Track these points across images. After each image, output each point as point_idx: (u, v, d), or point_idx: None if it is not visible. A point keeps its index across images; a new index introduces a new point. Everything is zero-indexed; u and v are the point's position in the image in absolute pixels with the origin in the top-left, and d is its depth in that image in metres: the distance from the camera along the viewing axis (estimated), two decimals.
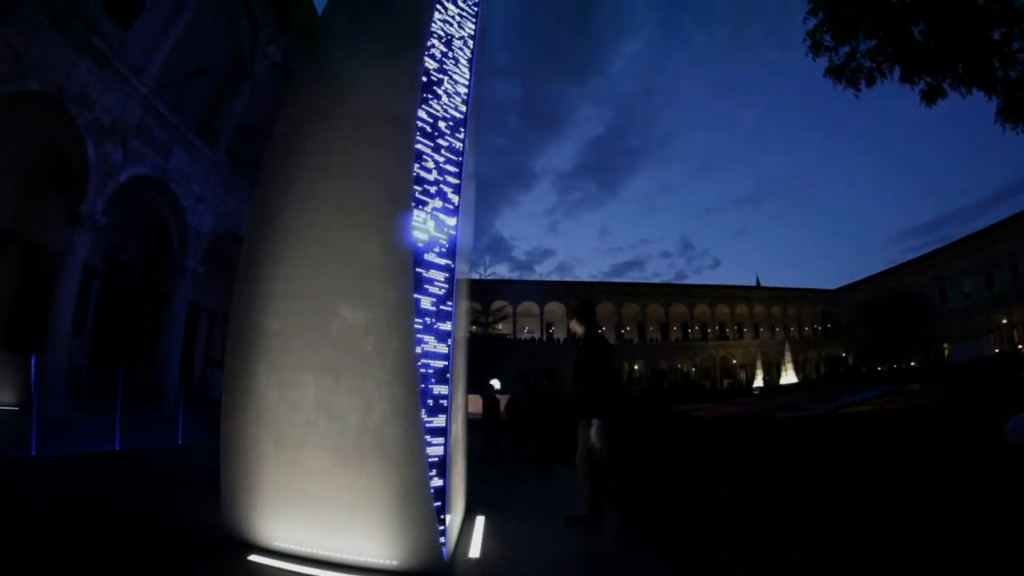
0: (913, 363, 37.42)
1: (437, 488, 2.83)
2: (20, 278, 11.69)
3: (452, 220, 3.31)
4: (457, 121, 3.59)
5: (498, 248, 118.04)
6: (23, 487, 4.37)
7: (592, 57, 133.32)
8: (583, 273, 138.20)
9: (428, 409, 2.88)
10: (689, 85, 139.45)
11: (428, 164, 3.22)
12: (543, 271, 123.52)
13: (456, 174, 3.44)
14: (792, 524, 3.09)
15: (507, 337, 37.28)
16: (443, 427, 3.00)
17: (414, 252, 2.92)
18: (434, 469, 2.82)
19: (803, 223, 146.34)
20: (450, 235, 3.28)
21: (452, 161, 3.43)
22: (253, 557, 2.68)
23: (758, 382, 40.81)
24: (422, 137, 3.21)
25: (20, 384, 9.15)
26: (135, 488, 4.70)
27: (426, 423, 2.79)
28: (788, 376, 40.27)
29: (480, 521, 3.82)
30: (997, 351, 32.42)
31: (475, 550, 3.22)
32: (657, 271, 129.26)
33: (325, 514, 2.70)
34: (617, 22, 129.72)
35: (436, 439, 2.91)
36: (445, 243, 3.23)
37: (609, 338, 46.02)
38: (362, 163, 3.05)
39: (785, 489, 3.75)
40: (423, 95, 3.29)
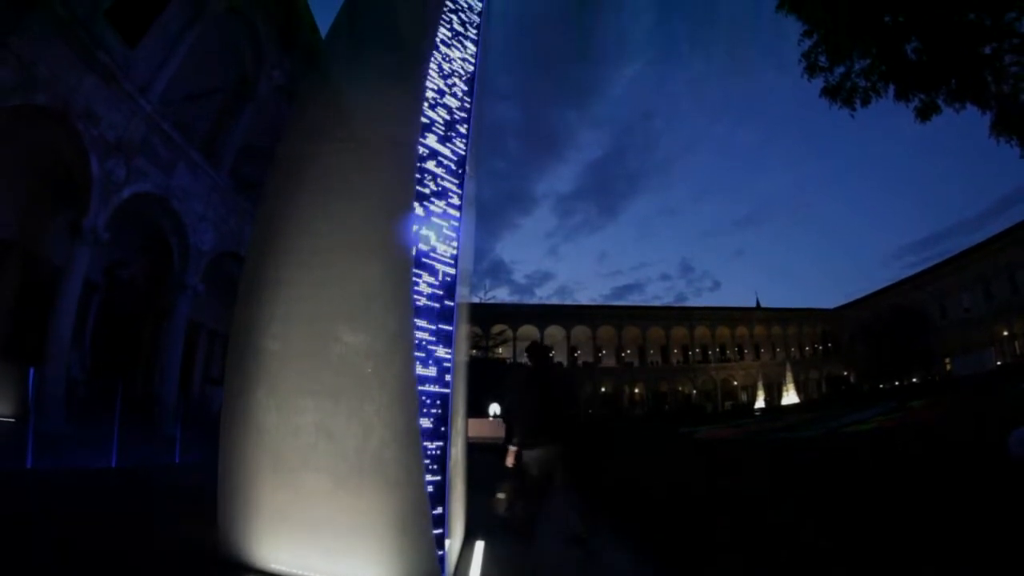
0: (915, 379, 37.22)
1: (437, 513, 2.80)
2: (19, 288, 11.68)
3: (453, 243, 3.33)
4: (458, 145, 3.63)
5: (498, 272, 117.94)
6: (18, 500, 4.32)
7: (592, 81, 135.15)
8: (583, 296, 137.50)
9: (428, 433, 2.86)
10: (688, 107, 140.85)
11: (429, 188, 3.25)
12: (543, 294, 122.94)
13: (458, 196, 3.47)
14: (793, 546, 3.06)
15: (507, 361, 37.20)
16: (443, 451, 2.98)
17: (415, 276, 2.93)
18: (433, 493, 2.80)
19: (802, 242, 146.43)
20: (451, 257, 3.29)
21: (453, 185, 3.46)
22: None
23: (760, 403, 40.53)
24: (423, 160, 3.25)
25: (17, 396, 9.10)
26: (131, 506, 4.65)
27: (425, 447, 2.78)
28: (790, 396, 40.08)
29: (480, 546, 3.77)
30: (999, 363, 32.31)
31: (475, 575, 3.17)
32: (657, 294, 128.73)
33: (323, 537, 2.68)
34: (617, 46, 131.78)
35: (435, 464, 2.89)
36: (446, 268, 3.24)
37: (610, 362, 46.19)
38: (364, 186, 3.07)
39: (785, 512, 3.71)
40: (425, 119, 3.34)
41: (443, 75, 3.71)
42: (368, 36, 3.65)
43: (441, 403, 3.06)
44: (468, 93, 3.94)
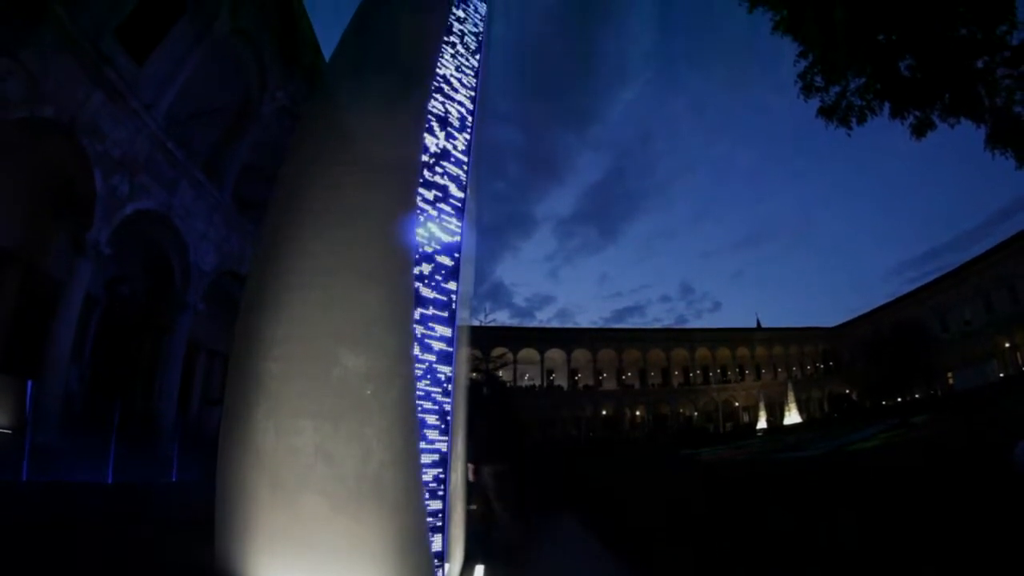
0: (917, 395, 36.97)
1: (436, 536, 2.77)
2: (19, 300, 11.68)
3: (454, 266, 3.34)
4: (459, 167, 3.66)
5: (498, 294, 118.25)
6: (11, 513, 4.28)
7: (591, 104, 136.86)
8: (584, 319, 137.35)
9: (427, 456, 2.85)
10: (687, 129, 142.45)
11: (430, 211, 3.28)
12: (544, 317, 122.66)
13: (459, 218, 3.49)
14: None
15: (508, 384, 36.86)
16: (442, 474, 2.96)
17: (415, 299, 2.94)
18: (432, 516, 2.77)
19: (802, 261, 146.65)
20: (453, 279, 3.30)
21: (455, 207, 3.49)
22: None
23: (761, 423, 40.18)
24: (425, 183, 3.28)
25: (15, 408, 9.06)
26: (126, 524, 4.60)
27: (425, 470, 2.76)
28: (792, 416, 39.71)
29: (480, 571, 3.73)
30: (1001, 375, 32.11)
31: None
32: (657, 316, 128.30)
33: (321, 560, 2.64)
34: (617, 69, 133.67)
35: (435, 486, 2.87)
36: (447, 290, 3.26)
37: (611, 385, 46.09)
38: (365, 209, 3.09)
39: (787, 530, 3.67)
40: (426, 142, 3.38)
41: (445, 98, 3.76)
42: (371, 59, 3.70)
43: (442, 426, 3.04)
44: (469, 115, 4.00)
